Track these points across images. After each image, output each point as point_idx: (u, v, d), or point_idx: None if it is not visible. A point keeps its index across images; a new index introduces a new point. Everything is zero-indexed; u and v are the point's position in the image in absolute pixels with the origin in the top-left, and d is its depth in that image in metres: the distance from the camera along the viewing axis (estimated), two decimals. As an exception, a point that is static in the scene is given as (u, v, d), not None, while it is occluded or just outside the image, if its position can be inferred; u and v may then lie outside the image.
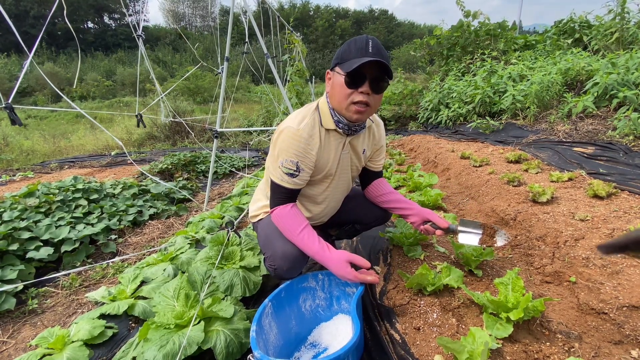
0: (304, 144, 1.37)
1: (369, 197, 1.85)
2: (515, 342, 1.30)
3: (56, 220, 2.97)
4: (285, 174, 1.37)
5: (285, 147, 1.36)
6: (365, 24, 55.00)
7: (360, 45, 1.27)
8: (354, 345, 1.10)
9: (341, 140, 1.50)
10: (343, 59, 1.31)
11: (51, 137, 10.67)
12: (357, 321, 1.19)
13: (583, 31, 7.50)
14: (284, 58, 4.98)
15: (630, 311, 1.38)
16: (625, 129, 3.69)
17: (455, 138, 5.91)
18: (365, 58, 1.23)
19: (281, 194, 1.42)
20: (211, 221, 2.97)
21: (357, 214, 1.90)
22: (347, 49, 1.30)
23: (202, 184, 5.09)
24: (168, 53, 37.26)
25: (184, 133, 9.80)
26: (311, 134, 1.39)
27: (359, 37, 1.30)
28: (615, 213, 2.09)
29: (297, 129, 1.36)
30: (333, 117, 1.42)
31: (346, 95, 1.32)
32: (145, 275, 2.08)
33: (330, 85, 1.40)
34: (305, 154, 1.37)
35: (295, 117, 1.43)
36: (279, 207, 1.43)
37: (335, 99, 1.37)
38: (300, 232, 1.38)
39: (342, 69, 1.30)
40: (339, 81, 1.33)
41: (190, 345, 1.33)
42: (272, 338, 1.33)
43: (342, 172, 1.60)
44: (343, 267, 1.31)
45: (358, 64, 1.22)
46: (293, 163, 1.36)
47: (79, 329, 1.59)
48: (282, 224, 1.42)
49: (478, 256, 1.80)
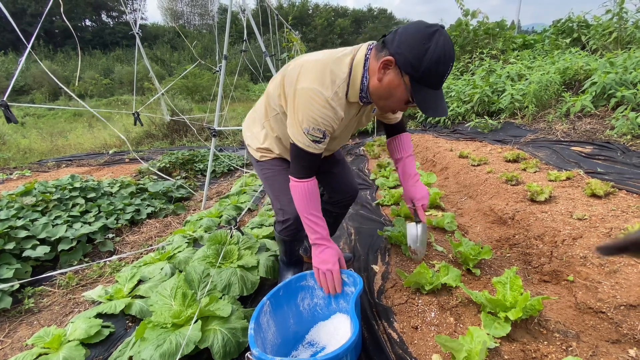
0: (333, 113, 1.26)
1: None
2: (513, 341, 1.30)
3: (53, 219, 2.96)
4: (312, 141, 1.29)
5: (313, 115, 1.24)
6: (364, 22, 54.91)
7: (444, 72, 1.12)
8: (352, 345, 1.10)
9: (357, 108, 1.43)
10: (422, 79, 1.12)
11: (49, 135, 10.62)
12: (355, 320, 1.19)
13: (581, 31, 7.51)
14: (283, 56, 4.96)
15: (627, 310, 1.39)
16: (623, 128, 3.70)
17: (454, 137, 5.91)
18: (439, 96, 1.17)
19: (306, 161, 1.36)
20: (209, 220, 2.96)
21: (328, 178, 1.86)
22: (434, 69, 1.10)
23: (200, 183, 5.08)
24: (166, 51, 37.11)
25: (182, 132, 9.77)
26: (341, 105, 1.28)
27: (448, 57, 1.09)
28: (613, 212, 2.09)
29: (325, 97, 1.23)
30: (361, 93, 1.29)
31: (396, 107, 1.27)
32: (142, 274, 2.07)
33: (385, 80, 1.19)
34: (332, 122, 1.29)
35: (322, 77, 1.24)
36: (302, 182, 1.38)
37: (380, 95, 1.25)
38: (313, 214, 1.42)
39: (413, 94, 1.16)
40: (400, 93, 1.19)
41: (188, 345, 1.33)
42: (270, 336, 1.32)
43: (346, 132, 1.57)
44: (336, 257, 1.43)
45: (433, 114, 1.16)
46: (320, 132, 1.28)
47: (75, 328, 1.58)
48: (300, 198, 1.40)
49: (476, 255, 1.80)
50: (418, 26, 1.10)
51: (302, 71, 1.27)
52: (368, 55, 1.25)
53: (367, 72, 1.25)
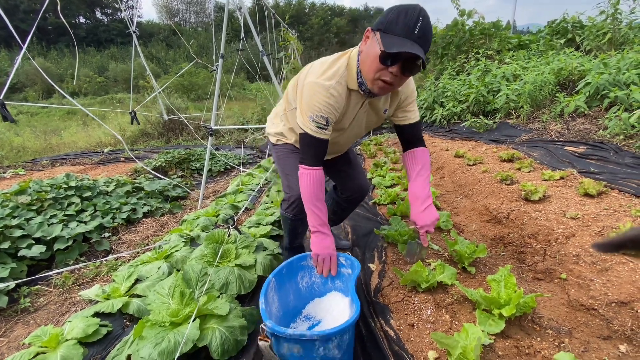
0: (334, 101, 1.40)
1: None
2: (507, 337, 1.32)
3: (48, 218, 2.94)
4: (318, 127, 1.43)
5: (316, 103, 1.39)
6: (360, 22, 54.91)
7: (409, 21, 1.18)
8: (355, 320, 1.22)
9: (361, 100, 1.51)
10: (387, 29, 1.22)
11: (42, 133, 10.51)
12: (356, 300, 1.30)
13: (576, 31, 7.57)
14: (280, 55, 4.96)
15: (619, 307, 1.42)
16: (615, 128, 3.75)
17: (450, 137, 5.95)
18: (408, 42, 1.19)
19: (315, 149, 1.47)
20: (206, 219, 2.96)
21: (340, 174, 2.02)
22: (395, 18, 1.20)
23: (197, 182, 5.07)
24: (162, 49, 36.88)
25: (178, 130, 9.73)
26: (340, 93, 1.41)
27: (411, 9, 1.20)
28: (605, 211, 2.12)
29: (327, 86, 1.38)
30: (358, 78, 1.40)
31: (376, 69, 1.29)
32: (139, 273, 2.07)
33: (365, 48, 1.32)
34: (333, 110, 1.42)
35: (323, 70, 1.42)
36: (310, 169, 1.48)
37: (365, 65, 1.34)
38: (317, 202, 1.51)
39: (382, 42, 1.22)
40: (374, 51, 1.27)
41: (186, 343, 1.33)
42: (274, 310, 1.44)
43: (354, 127, 1.65)
44: (331, 248, 1.54)
45: (397, 50, 1.18)
46: (323, 118, 1.41)
47: (72, 327, 1.58)
48: (306, 185, 1.50)
49: (471, 254, 1.83)
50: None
51: (310, 70, 1.47)
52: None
53: (359, 57, 1.38)
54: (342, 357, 1.25)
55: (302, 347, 1.17)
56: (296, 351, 1.18)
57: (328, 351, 1.18)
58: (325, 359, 1.19)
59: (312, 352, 1.17)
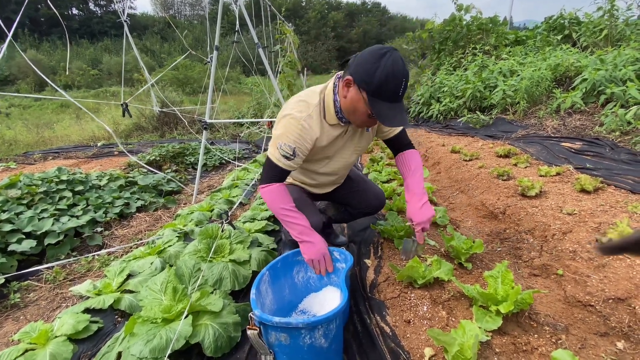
0: (304, 133, 1.45)
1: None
2: (504, 334, 1.31)
3: (39, 212, 2.89)
4: (282, 156, 1.47)
5: (285, 132, 1.45)
6: (357, 16, 54.58)
7: (396, 87, 1.27)
8: (341, 310, 1.24)
9: (341, 129, 1.58)
10: (376, 93, 1.28)
11: (34, 126, 10.35)
12: (345, 290, 1.36)
13: (572, 28, 7.55)
14: (276, 48, 4.89)
15: (615, 303, 1.41)
16: (612, 124, 3.75)
17: (446, 132, 5.94)
18: (395, 109, 1.30)
19: (275, 173, 1.52)
20: (200, 214, 2.93)
21: (352, 197, 2.04)
22: (385, 83, 1.26)
23: (191, 176, 5.01)
24: (156, 42, 36.46)
25: (172, 124, 9.62)
26: (311, 125, 1.47)
27: (397, 73, 1.26)
28: (601, 207, 2.12)
29: (299, 118, 1.44)
30: (338, 114, 1.49)
31: (363, 121, 1.41)
32: (132, 268, 2.03)
33: (348, 96, 1.39)
34: (302, 142, 1.47)
35: (297, 105, 1.49)
36: (269, 185, 1.53)
37: (351, 114, 1.43)
38: (288, 211, 1.52)
39: (371, 107, 1.31)
40: (362, 108, 1.35)
41: (178, 340, 1.31)
42: (267, 302, 1.46)
43: (343, 154, 1.71)
44: (322, 251, 1.53)
45: (389, 125, 1.32)
46: (290, 148, 1.45)
47: (62, 323, 1.55)
48: (270, 197, 1.53)
49: (468, 249, 1.81)
50: (372, 49, 1.30)
51: (286, 105, 1.55)
52: (336, 82, 1.48)
53: (337, 95, 1.46)
54: (330, 347, 1.25)
55: (288, 335, 1.18)
56: (283, 339, 1.20)
57: (314, 339, 1.20)
58: (313, 348, 1.20)
59: (299, 340, 1.19)
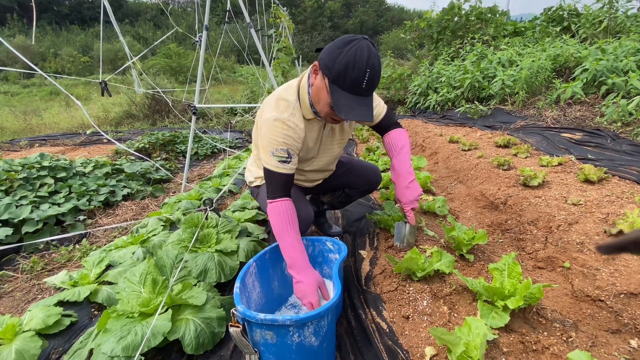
0: (292, 133, 1.39)
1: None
2: (512, 331, 1.21)
3: (17, 199, 2.74)
4: (279, 162, 1.39)
5: (274, 137, 1.37)
6: (354, 6, 53.77)
7: (357, 77, 1.16)
8: (334, 305, 1.14)
9: (319, 124, 1.52)
10: (336, 80, 1.19)
11: (22, 114, 10.05)
12: (338, 283, 1.25)
13: (572, 19, 7.44)
14: (270, 32, 4.71)
15: (628, 299, 1.32)
16: (613, 115, 3.66)
17: (443, 123, 5.83)
18: (355, 102, 1.19)
19: (278, 182, 1.41)
20: (188, 202, 2.79)
21: (347, 179, 1.94)
22: (344, 71, 1.16)
23: (182, 165, 4.86)
24: (149, 29, 35.65)
25: (164, 112, 9.39)
26: (297, 124, 1.41)
27: (359, 62, 1.14)
28: (608, 198, 2.02)
29: (283, 119, 1.37)
30: (312, 108, 1.41)
31: (327, 112, 1.32)
32: (112, 258, 1.90)
33: (315, 85, 1.30)
34: (292, 142, 1.40)
35: (276, 106, 1.41)
36: (277, 201, 1.39)
37: (317, 104, 1.35)
38: (290, 235, 1.35)
39: (331, 96, 1.22)
40: (324, 97, 1.27)
41: (155, 336, 1.19)
42: (254, 296, 1.35)
43: (325, 150, 1.66)
44: (313, 287, 1.28)
45: (345, 116, 1.19)
46: (284, 151, 1.38)
47: (32, 317, 1.43)
48: (277, 218, 1.37)
49: (470, 240, 1.71)
50: (343, 37, 1.21)
51: (263, 107, 1.46)
52: (310, 73, 1.38)
53: (310, 87, 1.37)
54: (321, 345, 1.14)
55: (275, 333, 1.07)
56: (269, 338, 1.08)
57: (304, 338, 1.09)
58: (302, 347, 1.09)
59: (287, 338, 1.07)
